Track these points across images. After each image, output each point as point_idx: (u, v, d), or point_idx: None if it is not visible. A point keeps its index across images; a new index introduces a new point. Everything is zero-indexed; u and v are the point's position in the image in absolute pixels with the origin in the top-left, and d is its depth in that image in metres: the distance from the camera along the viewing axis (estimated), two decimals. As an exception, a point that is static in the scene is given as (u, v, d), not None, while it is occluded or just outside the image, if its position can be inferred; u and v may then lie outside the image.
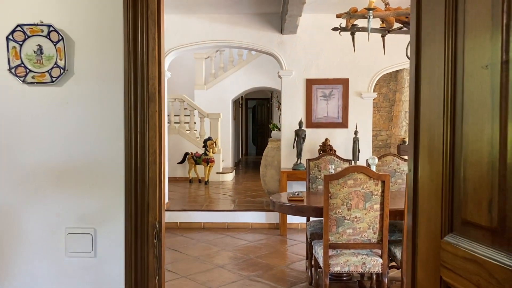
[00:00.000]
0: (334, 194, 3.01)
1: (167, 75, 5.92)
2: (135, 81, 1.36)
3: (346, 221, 3.03)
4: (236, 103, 12.70)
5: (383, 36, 3.91)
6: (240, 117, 14.04)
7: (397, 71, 9.73)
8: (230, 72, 10.02)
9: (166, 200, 6.10)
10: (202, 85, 10.06)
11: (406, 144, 9.39)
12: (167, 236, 5.44)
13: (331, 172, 3.80)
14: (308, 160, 4.32)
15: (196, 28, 5.82)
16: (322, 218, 3.07)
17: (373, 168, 3.78)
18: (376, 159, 3.75)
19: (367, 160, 4.27)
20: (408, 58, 3.69)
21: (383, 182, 3.02)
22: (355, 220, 3.03)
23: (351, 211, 3.02)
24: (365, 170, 2.99)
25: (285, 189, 5.54)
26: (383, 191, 3.03)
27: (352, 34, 3.81)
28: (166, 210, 5.94)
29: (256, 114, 17.24)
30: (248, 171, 11.44)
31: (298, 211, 3.32)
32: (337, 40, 5.81)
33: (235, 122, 12.22)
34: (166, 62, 5.91)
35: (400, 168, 4.26)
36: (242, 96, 13.91)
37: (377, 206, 3.04)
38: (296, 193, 3.59)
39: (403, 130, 9.72)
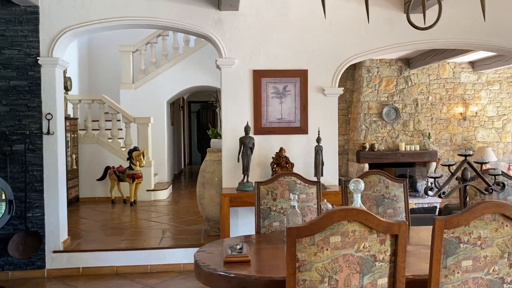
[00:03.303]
0: (306, 262, 1.59)
1: (61, 64, 4.26)
2: None
3: (328, 310, 1.62)
4: (176, 105, 11.05)
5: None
6: (181, 122, 12.40)
7: (354, 68, 8.58)
8: (164, 68, 8.41)
9: (65, 237, 4.42)
10: (129, 84, 8.36)
11: (367, 150, 8.25)
12: (59, 293, 3.77)
13: (294, 206, 2.38)
14: (258, 184, 2.89)
15: (101, 0, 4.23)
16: None
17: (358, 200, 2.42)
18: (362, 184, 2.37)
19: (344, 183, 2.90)
20: (415, 27, 2.12)
21: (394, 237, 1.64)
22: (345, 308, 1.64)
23: (338, 292, 1.62)
24: (362, 217, 1.60)
25: (227, 218, 4.07)
26: (393, 254, 1.65)
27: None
28: (63, 252, 4.26)
29: (201, 118, 15.63)
30: (189, 184, 9.84)
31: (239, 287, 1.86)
32: (292, 18, 4.45)
33: (173, 128, 10.57)
34: (61, 46, 4.25)
35: (390, 193, 2.93)
36: (183, 98, 12.28)
37: (384, 282, 1.66)
38: (238, 247, 2.14)
39: (362, 134, 8.59)
